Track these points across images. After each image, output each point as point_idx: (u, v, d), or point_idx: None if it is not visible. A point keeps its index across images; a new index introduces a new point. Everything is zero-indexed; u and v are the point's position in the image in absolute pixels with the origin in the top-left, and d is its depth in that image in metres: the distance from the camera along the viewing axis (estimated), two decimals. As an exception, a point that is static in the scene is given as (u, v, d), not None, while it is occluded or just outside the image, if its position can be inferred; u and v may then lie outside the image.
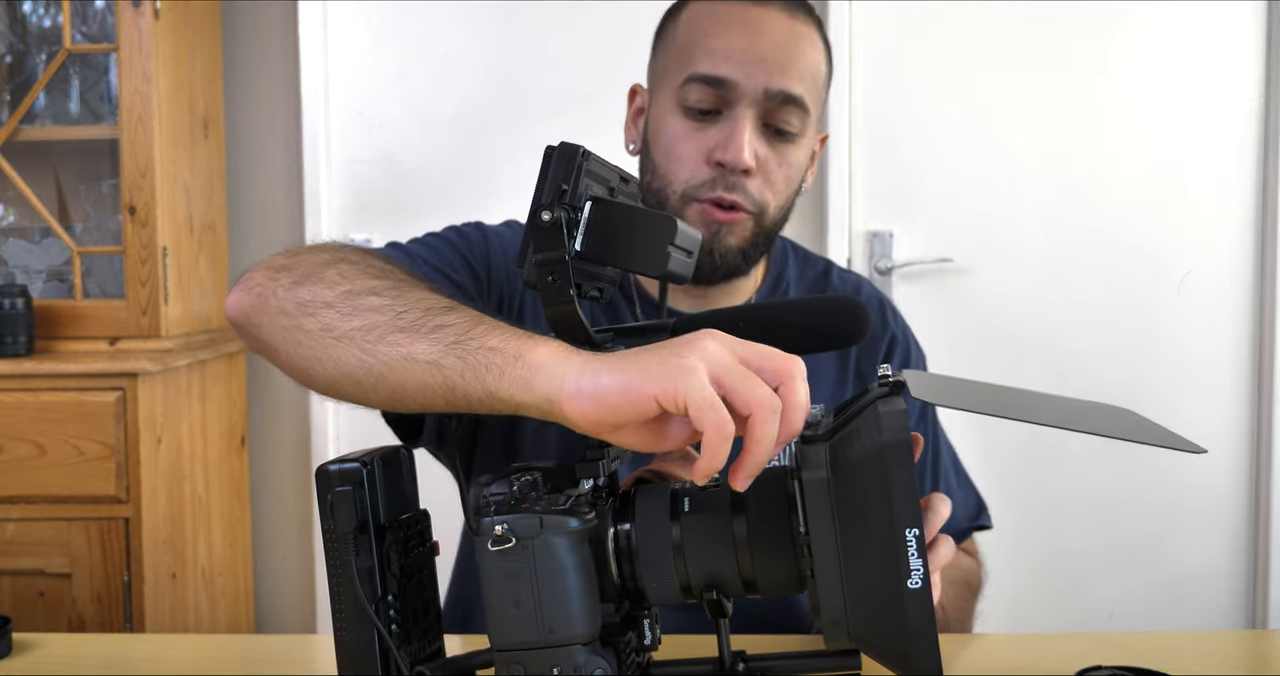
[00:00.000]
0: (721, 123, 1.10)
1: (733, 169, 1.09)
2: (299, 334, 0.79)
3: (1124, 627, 2.53)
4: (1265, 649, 1.13)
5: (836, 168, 2.50)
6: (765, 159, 1.11)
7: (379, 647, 0.76)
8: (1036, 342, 2.51)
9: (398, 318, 0.75)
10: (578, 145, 0.74)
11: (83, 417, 1.98)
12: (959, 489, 1.27)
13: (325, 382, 0.79)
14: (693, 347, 0.66)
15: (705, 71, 1.09)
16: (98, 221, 2.30)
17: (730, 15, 1.10)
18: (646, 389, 0.64)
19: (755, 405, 0.65)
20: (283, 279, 0.82)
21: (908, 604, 0.63)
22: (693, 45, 1.11)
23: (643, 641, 0.76)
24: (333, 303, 0.78)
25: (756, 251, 1.15)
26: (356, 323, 0.76)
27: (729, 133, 1.09)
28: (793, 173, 1.14)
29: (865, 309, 0.82)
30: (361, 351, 0.75)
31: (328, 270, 0.81)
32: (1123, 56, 2.50)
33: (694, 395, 0.64)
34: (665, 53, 1.15)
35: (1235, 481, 2.54)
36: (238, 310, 0.85)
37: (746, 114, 1.09)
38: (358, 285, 0.79)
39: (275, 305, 0.81)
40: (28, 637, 1.08)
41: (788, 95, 1.09)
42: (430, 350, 0.72)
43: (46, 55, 2.25)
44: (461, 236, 1.16)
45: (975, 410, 0.68)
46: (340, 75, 2.55)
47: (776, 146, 1.12)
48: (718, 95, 1.09)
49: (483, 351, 0.70)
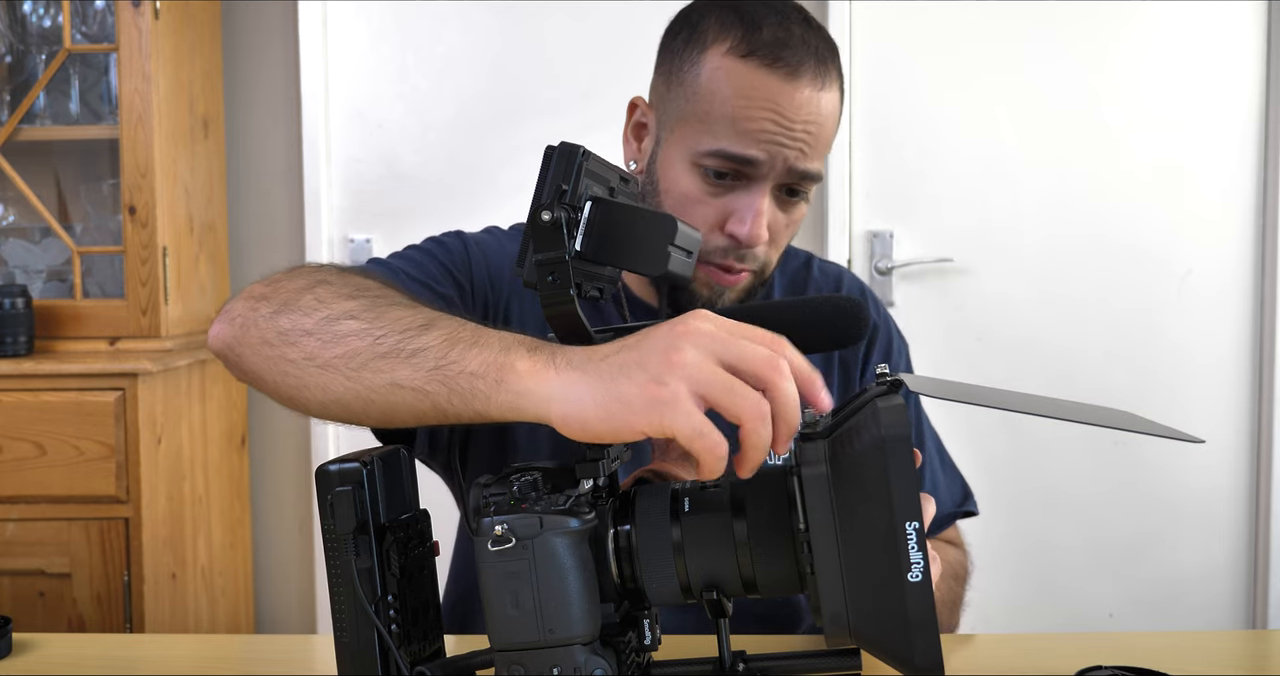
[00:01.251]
0: (739, 192, 1.08)
1: (747, 245, 1.08)
2: (283, 364, 0.79)
3: (1124, 627, 2.53)
4: (1265, 649, 1.13)
5: (836, 168, 2.50)
6: (774, 223, 1.10)
7: (379, 647, 0.76)
8: (1036, 343, 2.52)
9: (376, 342, 0.75)
10: (578, 145, 0.74)
11: (83, 417, 1.98)
12: (944, 475, 1.26)
13: (316, 408, 0.79)
14: (672, 366, 0.66)
15: (734, 152, 1.05)
16: (98, 221, 2.30)
17: (763, 91, 1.05)
18: (632, 422, 0.65)
19: (743, 416, 0.65)
20: (262, 308, 0.83)
21: (908, 597, 0.63)
22: (718, 114, 1.06)
23: (643, 641, 0.76)
24: (312, 330, 0.78)
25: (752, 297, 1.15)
26: (338, 350, 0.76)
27: (747, 208, 1.07)
28: (796, 226, 1.14)
29: (864, 309, 0.82)
30: (347, 379, 0.75)
31: (304, 296, 0.81)
32: (1123, 56, 2.50)
33: (680, 426, 0.64)
34: (683, 98, 1.09)
35: (1235, 481, 2.54)
36: (221, 342, 0.85)
37: (765, 189, 1.07)
38: (334, 309, 0.79)
39: (257, 335, 0.81)
40: (28, 637, 1.08)
41: (808, 174, 1.09)
42: (413, 376, 0.72)
43: (46, 55, 2.25)
44: (442, 247, 1.15)
45: (972, 402, 0.68)
46: (340, 75, 2.55)
47: (786, 208, 1.11)
48: (738, 168, 1.07)
49: (464, 377, 0.70)
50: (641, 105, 1.17)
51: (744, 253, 1.09)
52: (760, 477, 0.71)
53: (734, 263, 1.09)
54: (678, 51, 1.12)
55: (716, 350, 0.67)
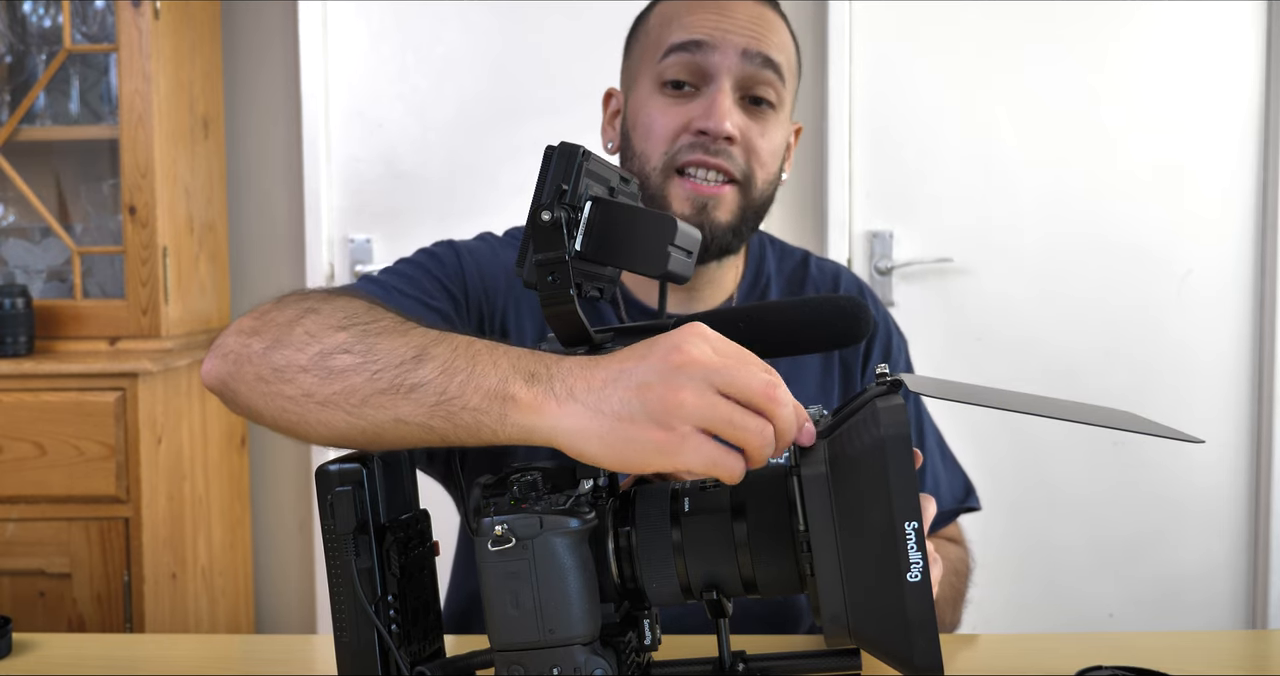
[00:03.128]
0: (700, 97, 1.12)
1: (715, 136, 1.10)
2: (281, 400, 0.78)
3: (1124, 627, 2.53)
4: (1265, 649, 1.13)
5: (836, 168, 2.50)
6: (746, 128, 1.12)
7: (379, 648, 0.76)
8: (1036, 343, 2.51)
9: (374, 378, 0.74)
10: (578, 145, 0.74)
11: (83, 417, 1.98)
12: (945, 470, 1.26)
13: (320, 441, 0.78)
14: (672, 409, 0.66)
15: (682, 38, 1.11)
16: (98, 221, 2.30)
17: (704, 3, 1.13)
18: (645, 465, 0.67)
19: (749, 445, 0.67)
20: (254, 344, 0.81)
21: (908, 597, 0.64)
22: (666, 27, 1.14)
23: (643, 641, 0.76)
24: (307, 367, 0.77)
25: (746, 227, 1.15)
26: (336, 386, 0.75)
27: (709, 103, 1.11)
28: (774, 146, 1.15)
29: (865, 309, 0.82)
30: (349, 415, 0.75)
31: (295, 330, 0.80)
32: (1123, 56, 2.50)
33: (694, 464, 0.66)
34: (639, 48, 1.18)
35: (1235, 481, 2.54)
36: (215, 379, 0.84)
37: (725, 84, 1.11)
38: (327, 343, 0.78)
39: (251, 372, 0.80)
40: (28, 637, 1.08)
41: (766, 57, 1.12)
42: (415, 412, 0.72)
43: (46, 55, 2.25)
44: (434, 259, 1.15)
45: (972, 402, 0.68)
46: (340, 75, 2.55)
47: (756, 117, 1.14)
48: (695, 65, 1.11)
49: (466, 412, 0.70)
50: (615, 93, 1.23)
51: (715, 148, 1.11)
52: (760, 478, 0.71)
53: (706, 156, 1.11)
54: (632, 31, 1.21)
55: (715, 381, 0.67)
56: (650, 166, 1.12)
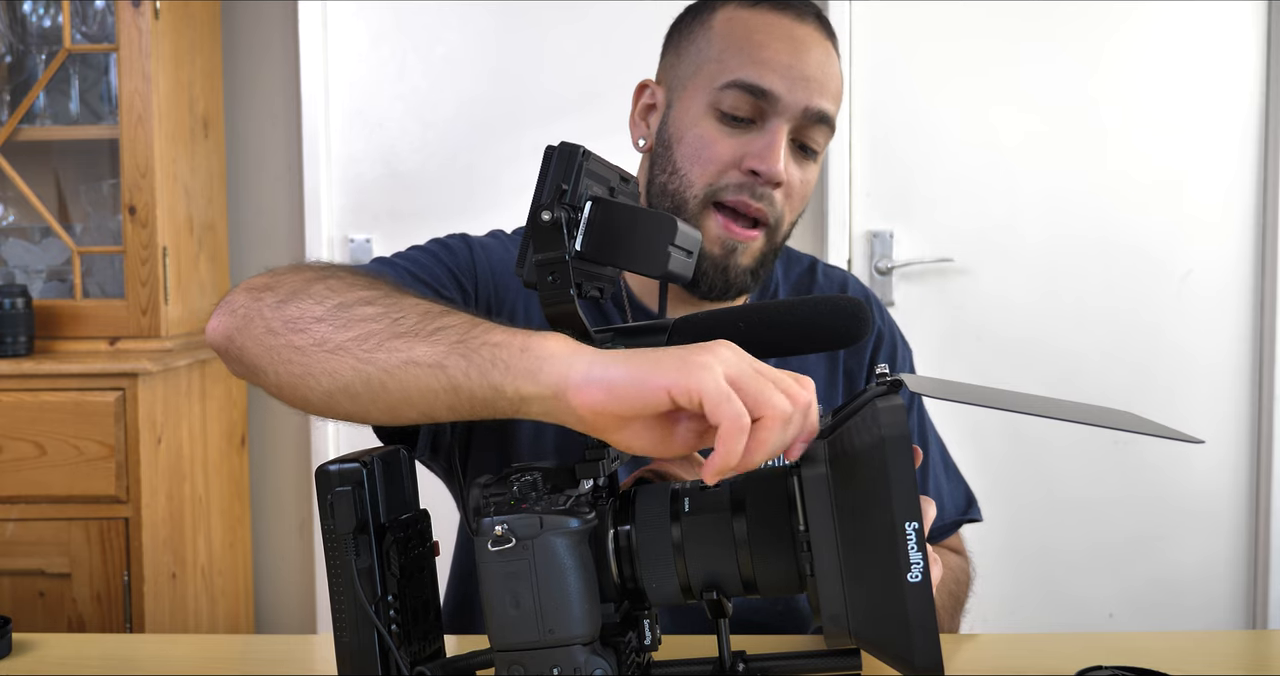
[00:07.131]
0: (756, 133, 1.10)
1: (766, 180, 1.09)
2: (289, 352, 0.76)
3: (1124, 627, 2.53)
4: (1265, 649, 1.13)
5: (836, 168, 2.50)
6: (792, 175, 1.11)
7: (379, 648, 0.76)
8: (1036, 343, 2.52)
9: (395, 323, 0.73)
10: (578, 145, 0.74)
11: (83, 417, 1.98)
12: (947, 481, 1.26)
13: (319, 399, 0.76)
14: (708, 349, 0.66)
15: (751, 80, 1.08)
16: (98, 221, 2.30)
17: (775, 29, 1.10)
18: (660, 380, 0.64)
19: (769, 409, 0.64)
20: (267, 298, 0.80)
21: (908, 597, 0.63)
22: (734, 51, 1.10)
23: (643, 641, 0.76)
24: (324, 317, 0.76)
25: (764, 270, 1.15)
26: (352, 333, 0.74)
27: (766, 144, 1.08)
28: (808, 191, 1.15)
29: (866, 309, 0.82)
30: (358, 361, 0.73)
31: (315, 285, 0.80)
32: (1123, 56, 2.50)
33: (709, 388, 0.63)
34: (695, 53, 1.13)
35: (1235, 481, 2.54)
36: (220, 334, 0.83)
37: (783, 128, 1.09)
38: (348, 297, 0.77)
39: (261, 325, 0.79)
40: (28, 637, 1.08)
41: (823, 115, 1.10)
42: (432, 352, 0.71)
43: (46, 55, 2.25)
44: (446, 249, 1.14)
45: (972, 402, 0.68)
46: (340, 75, 2.55)
47: (801, 164, 1.13)
48: (756, 105, 1.09)
49: (487, 347, 0.69)
50: (650, 85, 1.19)
51: (762, 192, 1.09)
52: (760, 478, 0.71)
53: (750, 200, 1.09)
54: (686, 25, 1.17)
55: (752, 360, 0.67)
56: (691, 192, 1.11)
